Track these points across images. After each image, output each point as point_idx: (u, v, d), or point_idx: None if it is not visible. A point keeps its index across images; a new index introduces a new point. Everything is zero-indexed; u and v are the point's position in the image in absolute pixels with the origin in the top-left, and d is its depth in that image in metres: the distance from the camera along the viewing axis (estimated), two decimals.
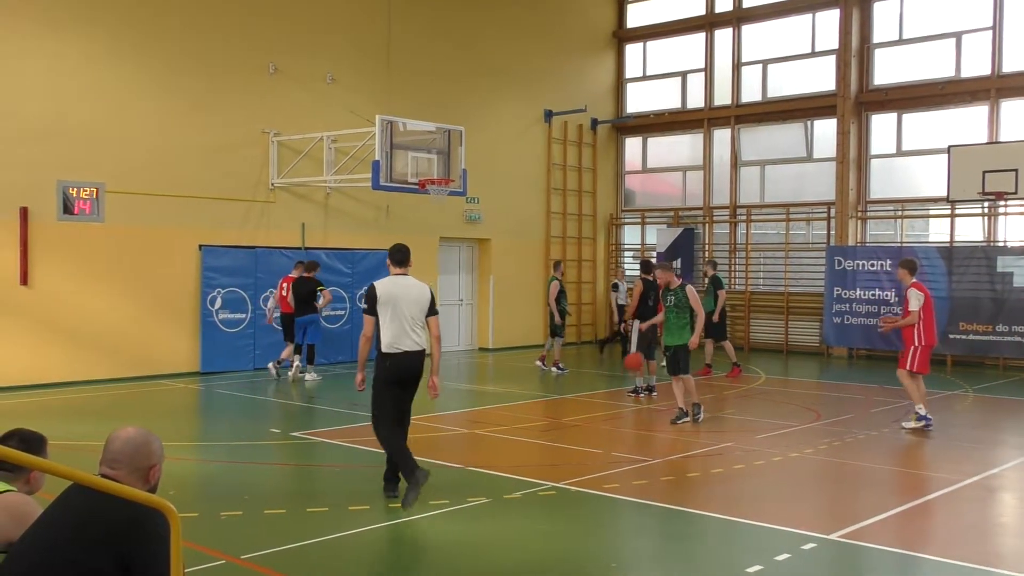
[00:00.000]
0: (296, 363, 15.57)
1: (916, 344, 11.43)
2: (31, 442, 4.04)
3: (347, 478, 8.97)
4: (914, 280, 11.63)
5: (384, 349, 7.82)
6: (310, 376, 15.56)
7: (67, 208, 14.28)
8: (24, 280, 14.17)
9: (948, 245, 19.14)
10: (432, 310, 7.97)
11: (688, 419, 11.52)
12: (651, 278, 13.83)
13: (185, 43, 15.98)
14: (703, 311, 11.91)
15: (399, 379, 7.86)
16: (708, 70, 22.85)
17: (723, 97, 22.61)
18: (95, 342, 14.88)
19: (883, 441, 10.73)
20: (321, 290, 15.46)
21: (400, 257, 8.03)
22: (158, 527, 3.21)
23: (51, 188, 14.21)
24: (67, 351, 14.60)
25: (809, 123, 21.40)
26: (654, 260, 22.49)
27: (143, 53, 15.51)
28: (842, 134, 20.25)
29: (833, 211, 20.56)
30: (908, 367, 11.49)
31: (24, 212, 14.13)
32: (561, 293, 17.13)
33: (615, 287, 19.35)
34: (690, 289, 11.80)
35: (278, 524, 7.20)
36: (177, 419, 12.43)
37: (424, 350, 7.99)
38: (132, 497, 3.11)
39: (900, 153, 20.33)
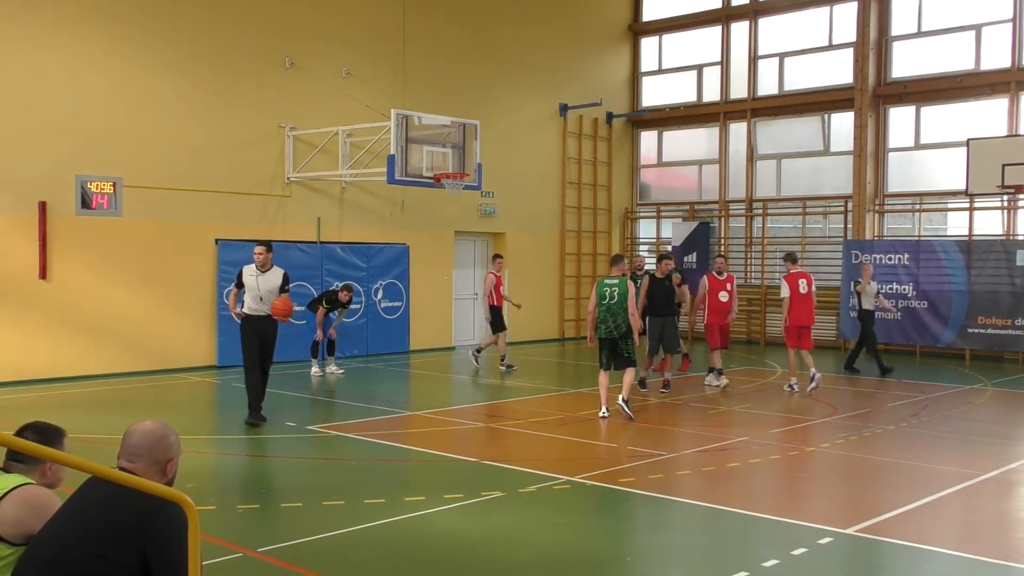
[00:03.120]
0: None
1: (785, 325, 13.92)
2: (46, 433, 4.03)
3: (362, 472, 9.00)
4: (791, 271, 13.95)
5: (247, 312, 11.08)
6: (331, 368, 15.62)
7: (85, 203, 14.35)
8: (43, 274, 14.27)
9: (967, 239, 19.01)
10: (282, 290, 11.03)
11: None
12: (659, 274, 13.95)
13: (202, 38, 16.05)
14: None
15: (256, 335, 11.03)
16: (724, 63, 22.75)
17: (739, 90, 22.51)
18: (113, 336, 14.98)
19: (900, 436, 10.68)
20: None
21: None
22: (176, 520, 3.23)
23: (70, 183, 14.29)
24: (85, 345, 14.71)
25: (826, 116, 21.27)
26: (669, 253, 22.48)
27: (160, 48, 15.58)
28: (859, 127, 20.12)
29: (850, 205, 20.45)
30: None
31: (43, 207, 14.23)
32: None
33: (856, 283, 16.42)
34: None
35: (294, 517, 7.24)
36: (194, 413, 12.51)
37: (271, 315, 10.97)
38: (150, 490, 3.13)
39: (918, 146, 20.19)
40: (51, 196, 14.29)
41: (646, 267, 16.54)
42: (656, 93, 24.05)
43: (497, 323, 16.45)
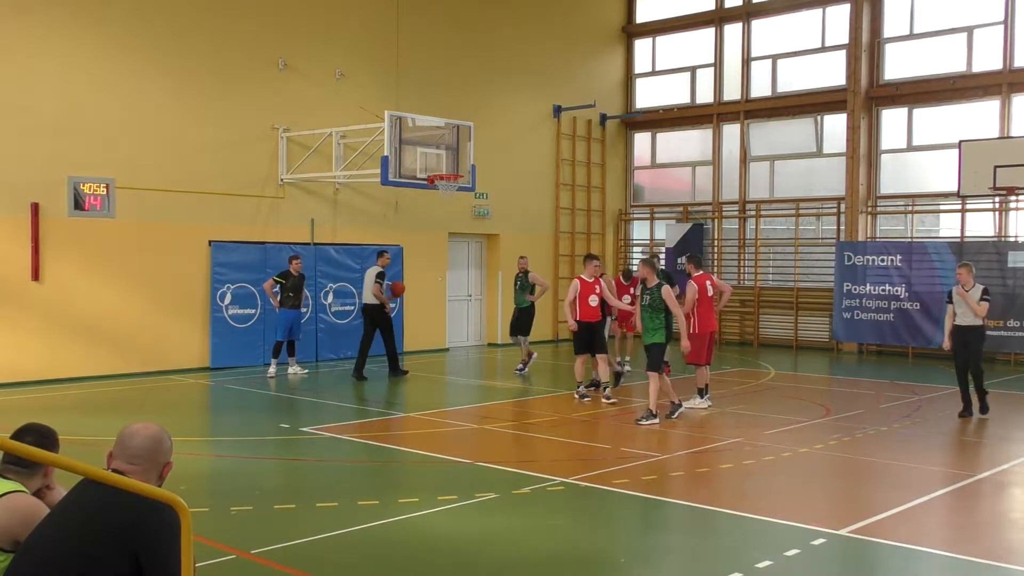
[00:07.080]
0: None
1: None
2: (47, 436, 4.04)
3: (356, 473, 9.00)
4: (695, 275, 12.52)
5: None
6: (292, 370, 15.61)
7: (78, 204, 14.32)
8: (36, 276, 14.23)
9: (959, 240, 19.07)
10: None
11: (655, 420, 11.21)
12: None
13: (195, 40, 16.02)
14: (680, 311, 11.76)
15: None
16: (717, 65, 22.79)
17: (732, 92, 22.55)
18: (106, 338, 14.94)
19: (893, 437, 10.70)
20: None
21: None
22: (169, 522, 3.23)
23: (62, 184, 14.25)
24: (78, 347, 14.66)
25: (819, 118, 21.33)
26: (662, 256, 22.51)
27: (154, 49, 15.55)
28: (852, 129, 20.18)
29: (843, 206, 20.50)
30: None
31: (35, 208, 14.19)
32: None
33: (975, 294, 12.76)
34: (666, 290, 11.55)
35: (288, 519, 7.23)
36: (187, 415, 12.48)
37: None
38: (144, 492, 3.12)
39: (911, 148, 20.25)
40: (43, 197, 14.25)
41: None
42: (649, 95, 24.08)
43: (579, 342, 13.25)
